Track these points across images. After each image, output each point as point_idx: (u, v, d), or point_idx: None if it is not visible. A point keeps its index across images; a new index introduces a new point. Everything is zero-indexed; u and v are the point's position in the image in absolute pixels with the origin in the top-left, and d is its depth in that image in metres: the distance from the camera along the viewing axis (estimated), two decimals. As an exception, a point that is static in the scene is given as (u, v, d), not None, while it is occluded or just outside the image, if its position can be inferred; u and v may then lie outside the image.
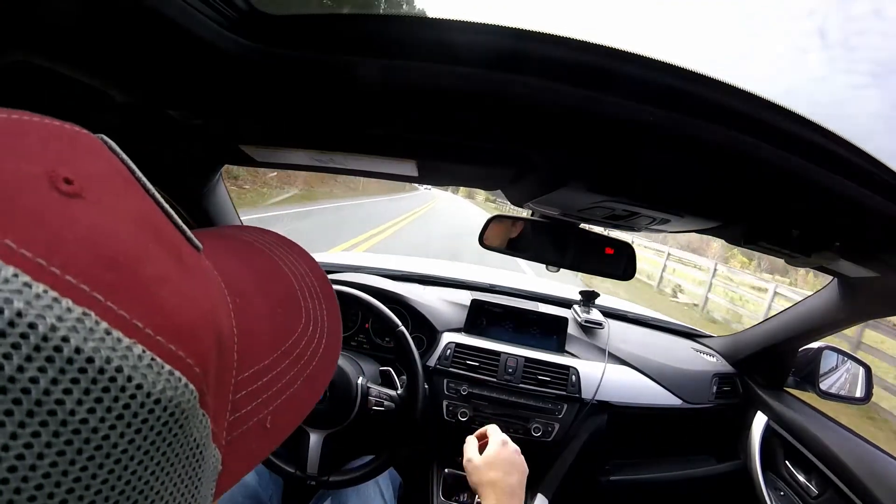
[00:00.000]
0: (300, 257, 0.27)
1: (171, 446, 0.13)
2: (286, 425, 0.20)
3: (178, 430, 0.13)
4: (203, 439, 0.15)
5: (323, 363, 0.23)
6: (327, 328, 0.24)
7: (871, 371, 0.99)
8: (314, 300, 0.25)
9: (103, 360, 0.11)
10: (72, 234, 0.12)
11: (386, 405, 0.78)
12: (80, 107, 0.46)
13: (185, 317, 0.14)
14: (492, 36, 0.33)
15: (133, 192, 0.15)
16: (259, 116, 0.49)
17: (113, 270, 0.12)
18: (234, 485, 0.18)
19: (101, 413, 0.11)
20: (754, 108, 0.36)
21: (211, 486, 0.17)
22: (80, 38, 0.33)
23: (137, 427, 0.12)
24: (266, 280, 0.23)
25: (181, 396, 0.13)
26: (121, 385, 0.12)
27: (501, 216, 0.84)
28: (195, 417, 0.14)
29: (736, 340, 1.19)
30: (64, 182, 0.12)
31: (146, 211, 0.15)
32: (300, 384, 0.21)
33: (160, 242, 0.15)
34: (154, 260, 0.14)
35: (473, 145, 0.48)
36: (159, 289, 0.13)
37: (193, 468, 0.15)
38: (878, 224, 0.44)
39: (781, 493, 0.99)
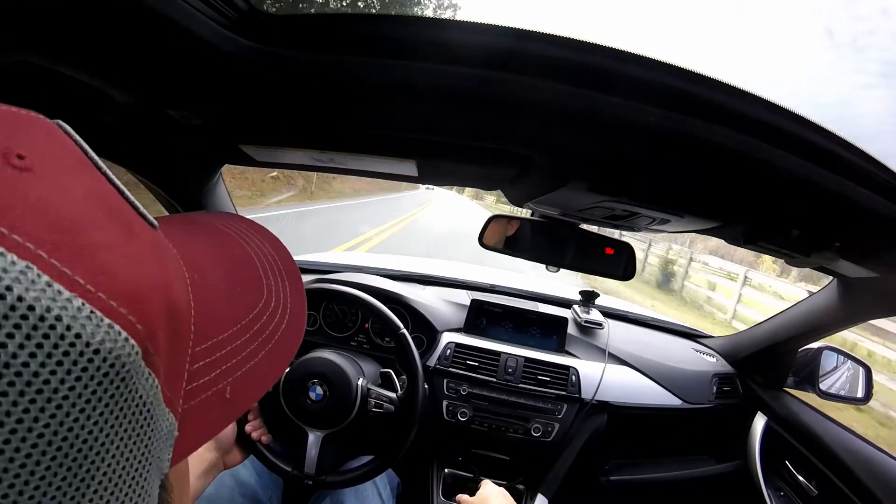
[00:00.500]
0: (266, 239, 0.28)
1: (113, 398, 0.14)
2: (247, 397, 0.21)
3: (121, 382, 0.14)
4: (151, 398, 0.16)
5: (285, 339, 0.24)
6: (290, 306, 0.25)
7: (871, 371, 0.99)
8: (277, 279, 0.26)
9: (44, 309, 0.12)
10: (20, 202, 0.13)
11: (385, 407, 0.78)
12: (80, 107, 0.46)
13: (129, 280, 0.15)
14: (492, 36, 0.33)
15: (86, 172, 0.16)
16: (259, 116, 0.49)
17: (58, 233, 0.13)
18: (194, 451, 0.19)
19: (42, 358, 0.12)
20: (754, 108, 0.36)
21: (167, 449, 0.17)
22: (80, 38, 0.33)
23: (77, 375, 0.13)
24: (227, 259, 0.24)
25: (120, 350, 0.14)
26: (60, 333, 0.12)
27: (501, 216, 0.84)
28: (139, 374, 0.15)
29: (736, 340, 1.19)
30: (16, 157, 0.13)
31: (98, 188, 0.16)
32: (261, 358, 0.22)
33: (111, 215, 0.16)
34: (102, 229, 0.15)
35: (473, 145, 0.48)
36: (105, 253, 0.14)
37: (142, 426, 0.15)
38: (878, 224, 0.44)
39: (781, 493, 0.99)
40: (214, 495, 0.74)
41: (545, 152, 0.47)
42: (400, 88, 0.37)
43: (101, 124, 0.51)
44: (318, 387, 0.76)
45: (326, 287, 0.85)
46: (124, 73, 0.40)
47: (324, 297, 0.88)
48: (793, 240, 0.51)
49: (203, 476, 0.66)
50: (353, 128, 0.49)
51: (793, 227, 0.51)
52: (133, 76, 0.40)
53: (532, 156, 0.49)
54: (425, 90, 0.37)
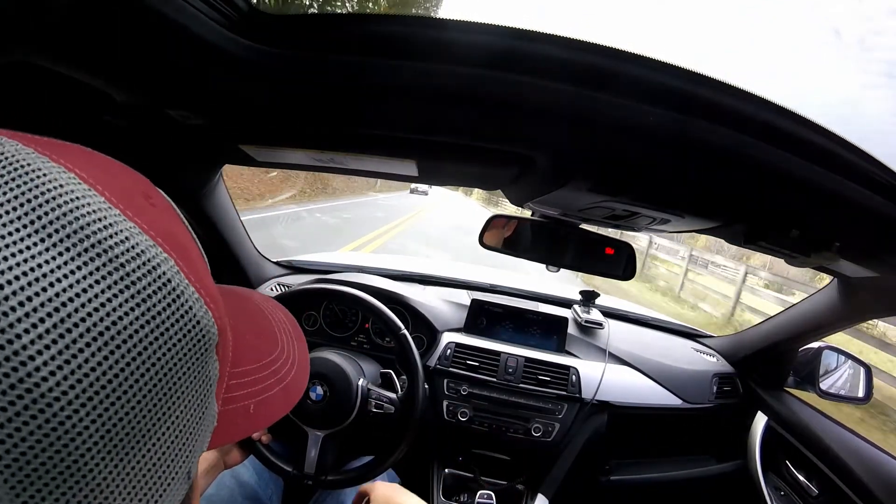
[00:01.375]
0: (278, 309, 0.36)
1: (199, 361, 0.19)
2: (263, 418, 0.27)
3: (204, 353, 0.19)
4: (213, 381, 0.21)
5: (294, 383, 0.30)
6: (298, 360, 0.32)
7: (871, 371, 0.99)
8: (288, 337, 0.33)
9: (175, 284, 0.18)
10: (158, 222, 0.19)
11: (386, 407, 0.78)
12: (80, 107, 0.46)
13: (212, 290, 0.21)
14: (492, 36, 0.33)
15: (180, 221, 0.23)
16: (259, 116, 0.49)
17: (180, 248, 0.19)
18: (220, 445, 0.24)
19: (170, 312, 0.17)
20: (754, 108, 0.36)
21: (208, 433, 0.22)
22: (80, 38, 0.33)
23: (185, 333, 0.18)
24: (251, 316, 0.32)
25: (210, 328, 0.20)
26: (181, 302, 0.18)
27: (501, 216, 0.84)
28: (212, 356, 0.20)
29: (736, 340, 1.19)
30: (148, 198, 0.20)
31: (187, 233, 0.23)
32: (275, 393, 0.28)
33: (197, 252, 0.22)
34: (196, 256, 0.21)
35: (473, 145, 0.48)
36: (200, 268, 0.20)
37: (203, 398, 0.20)
38: (878, 224, 0.44)
39: (782, 493, 0.99)
40: (215, 495, 0.74)
41: (546, 152, 0.47)
42: (400, 88, 0.37)
43: (102, 124, 0.51)
44: (319, 387, 0.76)
45: (327, 287, 0.85)
46: (124, 73, 0.40)
47: (324, 297, 0.88)
48: (793, 240, 0.51)
49: (204, 476, 0.66)
50: (353, 128, 0.49)
51: (793, 227, 0.51)
52: (133, 76, 0.40)
53: (532, 156, 0.49)
54: (425, 90, 0.37)
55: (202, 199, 0.84)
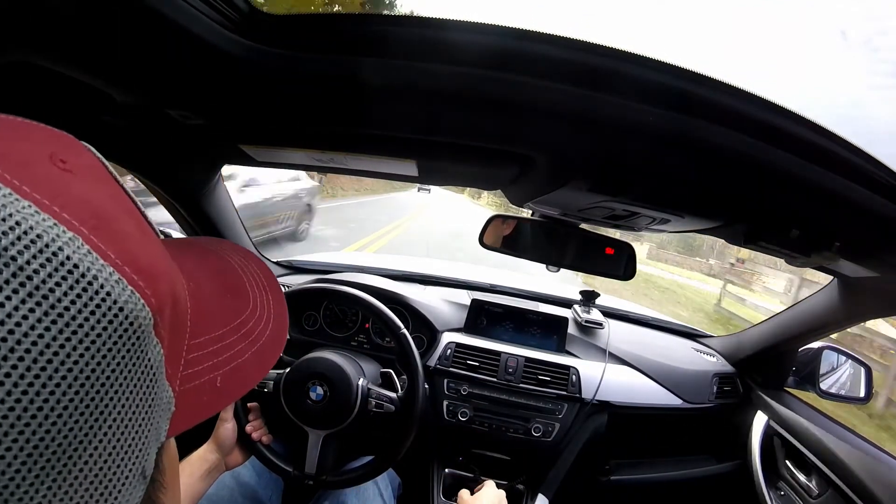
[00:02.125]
0: (248, 258, 0.32)
1: (129, 352, 0.17)
2: (234, 389, 0.24)
3: (136, 340, 0.17)
4: (157, 366, 0.18)
5: (270, 341, 0.27)
6: (273, 313, 0.29)
7: (871, 371, 0.99)
8: (260, 290, 0.29)
9: (84, 268, 0.15)
10: (67, 191, 0.16)
11: (386, 407, 0.78)
12: (80, 107, 0.46)
13: (146, 262, 0.18)
14: (492, 36, 0.33)
15: (109, 182, 0.20)
16: (259, 116, 0.49)
17: (95, 218, 0.16)
18: (185, 429, 0.22)
19: (80, 306, 0.15)
20: (754, 108, 0.36)
21: (165, 420, 0.20)
22: (80, 38, 0.33)
23: (104, 325, 0.15)
24: (215, 272, 0.28)
25: (139, 311, 0.17)
26: (95, 289, 0.15)
27: (501, 216, 0.84)
28: (149, 339, 0.18)
29: (736, 340, 1.19)
30: (60, 161, 0.17)
31: (119, 195, 0.20)
32: (248, 357, 0.25)
33: (130, 216, 0.19)
34: (125, 222, 0.18)
35: (473, 145, 0.48)
36: (127, 239, 0.18)
37: (148, 386, 0.18)
38: (878, 224, 0.44)
39: (782, 493, 0.99)
40: (215, 496, 0.74)
41: (545, 152, 0.47)
42: (400, 88, 0.37)
43: (102, 124, 0.51)
44: (319, 387, 0.76)
45: (327, 287, 0.85)
46: (125, 74, 0.40)
47: (324, 297, 0.88)
48: (793, 240, 0.51)
49: (205, 477, 0.66)
50: (353, 128, 0.49)
51: (793, 227, 0.51)
52: (133, 76, 0.40)
53: (532, 156, 0.49)
54: (425, 90, 0.37)
55: (202, 198, 0.84)
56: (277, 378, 0.78)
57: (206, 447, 0.70)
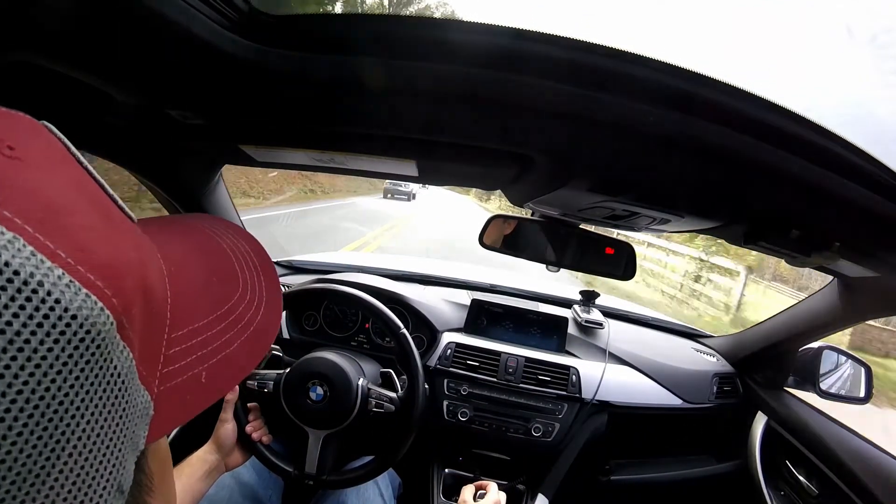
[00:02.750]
0: (240, 237, 0.29)
1: (88, 364, 0.15)
2: (222, 383, 0.22)
3: (96, 349, 0.15)
4: (125, 371, 0.16)
5: (262, 328, 0.25)
6: (266, 298, 0.26)
7: (871, 371, 0.99)
8: (252, 272, 0.27)
9: (27, 274, 0.13)
10: (10, 183, 0.14)
11: (386, 407, 0.78)
12: (80, 107, 0.46)
13: (106, 257, 0.16)
14: (492, 36, 0.33)
15: (70, 166, 0.17)
16: (259, 116, 0.49)
17: (43, 212, 0.14)
18: (170, 431, 0.20)
19: (24, 319, 0.13)
20: (754, 107, 0.36)
21: (142, 426, 0.18)
22: (80, 39, 0.33)
23: (56, 337, 0.13)
24: (202, 253, 0.25)
25: (96, 318, 0.15)
26: (41, 297, 0.13)
27: (501, 216, 0.84)
28: (114, 345, 0.16)
29: (736, 340, 1.19)
30: (7, 148, 0.15)
31: (81, 180, 0.17)
32: (237, 346, 0.23)
33: (91, 203, 0.17)
34: (83, 212, 0.16)
35: (473, 145, 0.48)
36: (85, 234, 0.15)
37: (116, 396, 0.16)
38: (879, 224, 0.44)
39: (782, 493, 0.99)
40: (215, 496, 0.74)
41: (546, 152, 0.47)
42: (400, 88, 0.37)
43: (102, 124, 0.51)
44: (319, 387, 0.76)
45: (327, 287, 0.85)
46: (124, 74, 0.40)
47: (324, 296, 0.88)
48: (793, 240, 0.51)
49: (205, 478, 0.66)
50: (353, 128, 0.49)
51: (793, 227, 0.51)
52: (133, 76, 0.40)
53: (532, 156, 0.49)
54: (425, 90, 0.37)
55: (202, 198, 0.84)
56: (277, 378, 0.78)
57: (206, 448, 0.70)
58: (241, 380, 0.23)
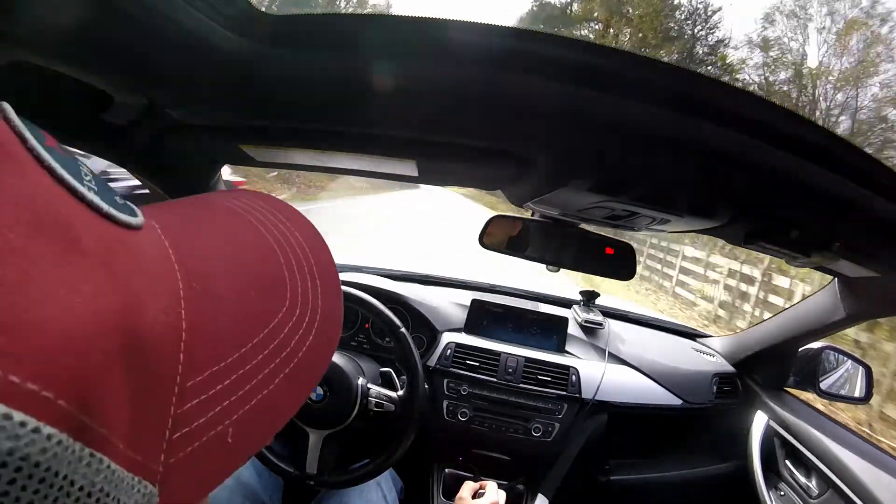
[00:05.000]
0: (294, 224, 0.22)
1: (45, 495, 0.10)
2: (255, 438, 0.16)
3: (40, 485, 0.10)
4: (101, 483, 0.12)
5: (311, 357, 0.18)
6: (321, 311, 0.19)
7: (871, 371, 0.99)
8: (305, 277, 0.20)
9: None
10: None
11: (386, 406, 0.78)
12: (80, 107, 0.46)
13: (46, 330, 0.10)
14: (492, 36, 0.33)
15: (15, 168, 0.12)
16: (259, 116, 0.49)
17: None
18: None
19: None
20: (754, 107, 0.36)
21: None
22: (79, 38, 0.33)
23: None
24: (239, 252, 0.19)
25: (29, 447, 0.10)
26: None
27: (501, 216, 0.84)
28: (71, 463, 0.11)
29: (736, 340, 1.19)
30: None
31: (31, 190, 0.12)
32: (277, 384, 0.17)
33: (39, 231, 0.11)
34: (15, 253, 0.10)
35: (473, 145, 0.48)
36: (11, 297, 0.10)
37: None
38: (878, 224, 0.44)
39: (782, 493, 0.99)
40: (215, 496, 0.74)
41: (545, 152, 0.47)
42: (400, 88, 0.37)
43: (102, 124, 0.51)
44: (319, 387, 0.76)
45: None
46: (124, 73, 0.40)
47: None
48: (793, 240, 0.51)
49: None
50: (353, 128, 0.49)
51: (793, 227, 0.51)
52: (133, 76, 0.40)
53: (532, 156, 0.49)
54: (425, 90, 0.37)
55: None
56: None
57: None
58: (281, 429, 0.16)
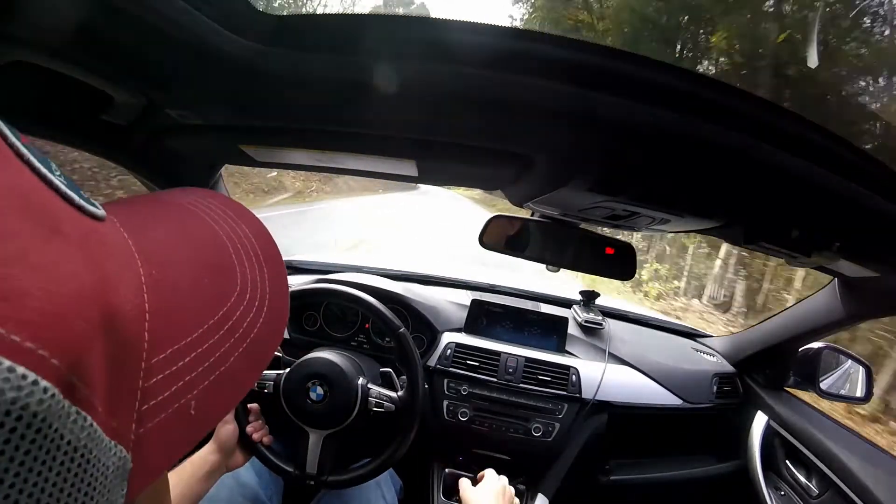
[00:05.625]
0: (241, 219, 0.24)
1: (29, 455, 0.11)
2: (215, 411, 0.18)
3: (36, 434, 0.11)
4: (84, 440, 0.13)
5: (262, 337, 0.21)
6: (269, 297, 0.22)
7: (871, 370, 0.99)
8: (253, 265, 0.22)
9: None
10: None
11: (386, 406, 0.78)
12: (80, 106, 0.46)
13: (41, 300, 0.12)
14: (492, 36, 0.33)
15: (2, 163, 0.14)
16: (259, 116, 0.49)
17: None
18: (153, 481, 0.16)
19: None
20: (754, 108, 0.36)
21: (118, 486, 0.15)
22: (79, 39, 0.33)
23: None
24: (193, 246, 0.21)
25: (29, 398, 0.11)
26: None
27: (501, 216, 0.84)
28: (61, 418, 0.12)
29: (736, 340, 1.19)
30: None
31: (12, 181, 0.14)
32: (233, 362, 0.19)
33: (26, 217, 0.13)
34: (8, 235, 0.12)
35: (473, 145, 0.48)
36: (7, 270, 0.12)
37: (76, 473, 0.13)
38: (878, 224, 0.44)
39: (782, 493, 0.99)
40: (215, 496, 0.74)
41: (545, 152, 0.47)
42: (400, 88, 0.37)
43: (102, 124, 0.51)
44: (319, 387, 0.76)
45: (327, 287, 0.85)
46: (124, 74, 0.40)
47: (324, 296, 0.88)
48: (793, 240, 0.51)
49: (206, 479, 0.66)
50: (353, 128, 0.49)
51: (793, 227, 0.51)
52: (133, 76, 0.40)
53: (532, 156, 0.49)
54: (425, 90, 0.37)
55: None
56: (277, 378, 0.78)
57: (206, 448, 0.70)
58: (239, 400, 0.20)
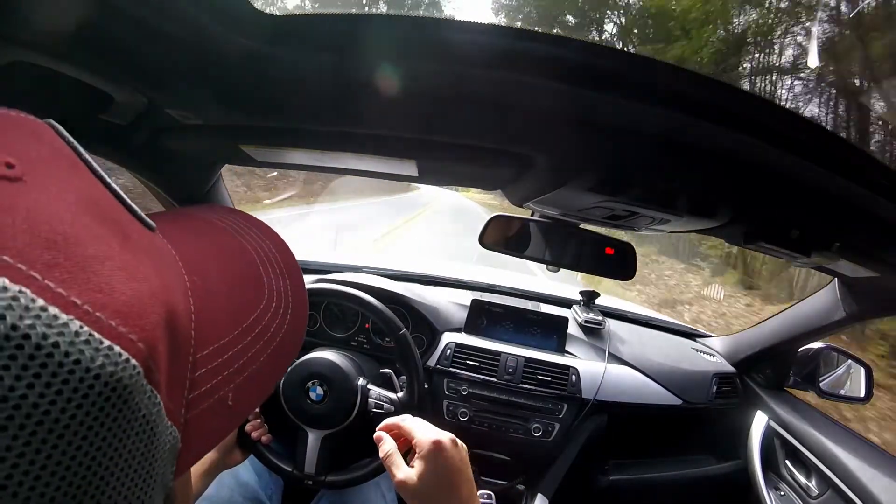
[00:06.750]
0: (265, 235, 0.27)
1: (116, 422, 0.13)
2: (249, 402, 0.21)
3: (123, 405, 0.13)
4: (154, 416, 0.15)
5: (288, 339, 0.23)
6: (292, 304, 0.25)
7: (871, 371, 0.99)
8: (277, 276, 0.25)
9: (39, 337, 0.11)
10: (10, 218, 0.12)
11: (386, 407, 0.78)
12: (80, 106, 0.46)
13: (127, 294, 0.14)
14: (492, 36, 0.33)
15: (78, 175, 0.15)
16: (259, 116, 0.49)
17: (51, 250, 0.12)
18: (197, 461, 0.18)
19: (40, 389, 0.11)
20: (754, 108, 0.36)
21: (170, 463, 0.17)
22: (79, 39, 0.33)
23: (78, 402, 0.12)
24: (226, 258, 0.24)
25: (122, 372, 0.13)
26: (58, 361, 0.12)
27: (501, 216, 0.84)
28: (141, 393, 0.14)
29: (736, 340, 1.19)
30: (5, 167, 0.13)
31: (91, 193, 0.15)
32: (263, 361, 0.22)
33: (104, 223, 0.15)
34: (95, 240, 0.14)
35: (473, 145, 0.48)
36: (100, 267, 0.14)
37: (146, 444, 0.15)
38: (878, 224, 0.44)
39: (782, 493, 0.99)
40: (215, 496, 0.74)
41: (545, 152, 0.47)
42: (400, 88, 0.37)
43: (102, 124, 0.51)
44: (319, 387, 0.76)
45: (326, 287, 0.85)
46: (124, 73, 0.40)
47: (324, 296, 0.88)
48: (793, 240, 0.51)
49: (204, 476, 0.66)
50: (353, 128, 0.49)
51: (793, 227, 0.51)
52: (133, 76, 0.40)
53: (532, 156, 0.49)
54: (425, 90, 0.37)
55: (202, 199, 0.84)
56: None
57: None
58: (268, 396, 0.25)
